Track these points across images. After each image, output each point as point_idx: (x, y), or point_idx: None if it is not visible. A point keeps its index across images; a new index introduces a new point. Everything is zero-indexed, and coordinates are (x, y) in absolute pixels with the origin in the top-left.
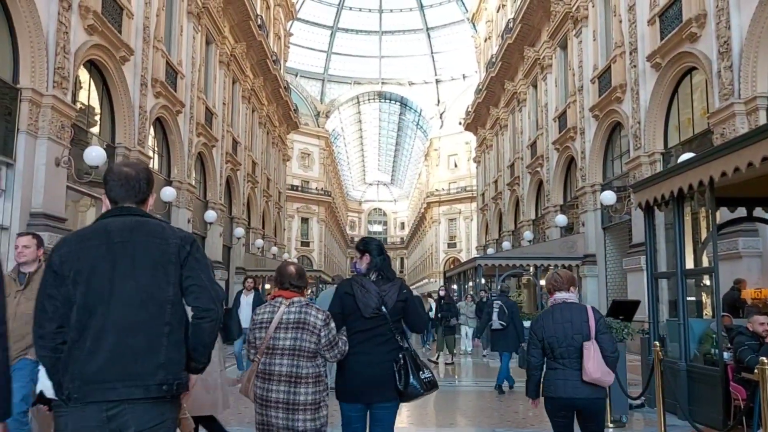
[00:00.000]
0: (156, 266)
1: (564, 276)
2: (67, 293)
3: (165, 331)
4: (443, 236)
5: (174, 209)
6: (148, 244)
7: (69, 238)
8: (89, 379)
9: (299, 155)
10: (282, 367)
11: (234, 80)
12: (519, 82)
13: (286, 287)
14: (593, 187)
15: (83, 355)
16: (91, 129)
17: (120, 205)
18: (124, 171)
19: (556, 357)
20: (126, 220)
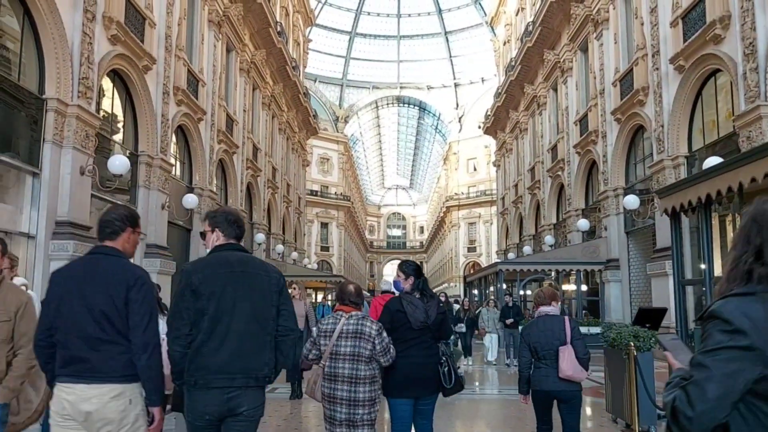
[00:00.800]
0: (264, 292)
1: (547, 293)
2: (201, 306)
3: (267, 339)
4: (463, 240)
5: (196, 216)
6: (258, 276)
7: (202, 265)
8: (214, 370)
9: (318, 160)
10: (345, 370)
11: (254, 87)
12: (539, 86)
13: (346, 303)
14: (616, 191)
15: (210, 352)
16: (114, 137)
17: (229, 242)
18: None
19: (540, 358)
20: (239, 255)
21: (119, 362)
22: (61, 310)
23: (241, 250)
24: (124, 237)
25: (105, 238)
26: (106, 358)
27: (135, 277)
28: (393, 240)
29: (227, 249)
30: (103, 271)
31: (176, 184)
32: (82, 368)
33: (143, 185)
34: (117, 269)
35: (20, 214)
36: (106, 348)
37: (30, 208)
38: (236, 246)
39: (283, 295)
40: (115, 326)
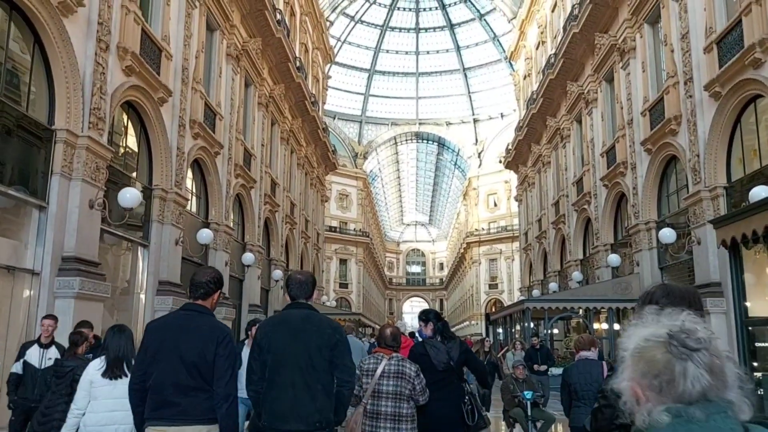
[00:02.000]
0: (319, 347)
1: (586, 339)
2: (264, 359)
3: (319, 388)
4: (484, 277)
5: (211, 252)
6: (314, 332)
7: (267, 324)
8: (276, 416)
9: (337, 196)
10: (387, 408)
11: (273, 122)
12: (562, 118)
13: (383, 346)
14: (647, 224)
15: (272, 399)
16: (128, 171)
17: (297, 301)
18: (298, 278)
19: (579, 398)
20: (300, 312)
21: (204, 406)
22: (158, 358)
23: (306, 308)
24: (213, 297)
25: (198, 298)
26: (194, 403)
27: (223, 335)
28: (412, 277)
29: (293, 307)
30: (196, 327)
31: (191, 219)
32: (174, 412)
33: (157, 220)
34: (208, 327)
35: (25, 249)
36: (194, 394)
37: (35, 244)
38: (302, 304)
39: (337, 349)
40: (203, 376)
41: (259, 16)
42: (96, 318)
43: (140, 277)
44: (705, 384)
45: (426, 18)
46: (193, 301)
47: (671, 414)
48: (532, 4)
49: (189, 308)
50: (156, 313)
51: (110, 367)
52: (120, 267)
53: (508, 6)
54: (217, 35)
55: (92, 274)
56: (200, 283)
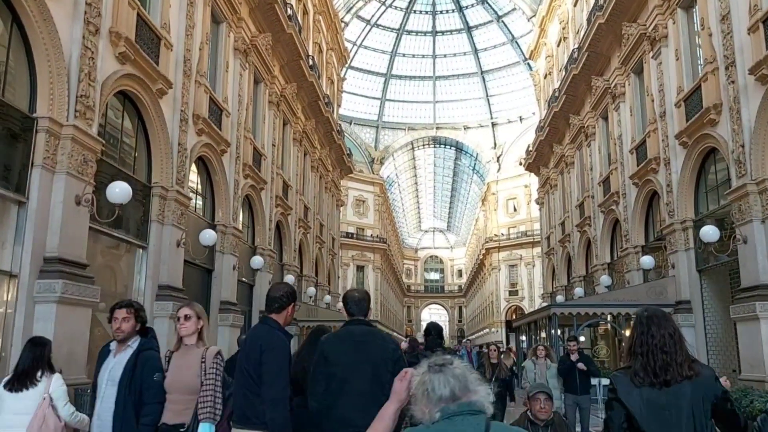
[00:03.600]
0: (384, 360)
1: None
2: (331, 371)
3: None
4: (504, 283)
5: (218, 255)
6: (377, 346)
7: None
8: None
9: (354, 202)
10: None
11: (285, 122)
12: (586, 115)
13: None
14: (684, 223)
15: (339, 407)
16: (124, 167)
17: (356, 318)
18: (355, 296)
19: None
20: (362, 328)
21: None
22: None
23: (365, 324)
24: (288, 311)
25: (273, 311)
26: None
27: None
28: (431, 284)
29: (353, 324)
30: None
31: (196, 220)
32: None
33: (156, 220)
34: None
35: (2, 249)
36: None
37: (13, 243)
38: (361, 321)
39: (398, 363)
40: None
41: (269, 9)
42: (82, 325)
43: (138, 281)
44: (452, 385)
45: (443, 21)
46: (267, 314)
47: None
48: None
49: (268, 322)
50: (155, 320)
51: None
52: (116, 270)
53: (528, 4)
54: (223, 28)
55: (78, 277)
56: (275, 298)
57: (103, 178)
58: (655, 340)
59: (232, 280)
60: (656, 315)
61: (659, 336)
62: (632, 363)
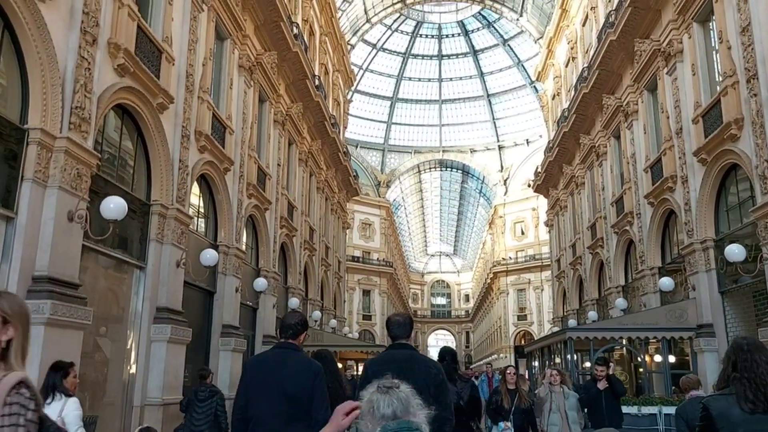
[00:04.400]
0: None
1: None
2: None
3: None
4: (512, 308)
5: (220, 276)
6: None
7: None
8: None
9: (360, 226)
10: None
11: (290, 141)
12: (597, 135)
13: None
14: (704, 243)
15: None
16: (123, 184)
17: (398, 341)
18: (398, 319)
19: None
20: (405, 352)
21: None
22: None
23: (408, 348)
24: (300, 338)
25: (288, 338)
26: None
27: (318, 369)
28: (437, 309)
29: (396, 347)
30: (292, 362)
31: (197, 240)
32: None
33: (155, 239)
34: (304, 362)
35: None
36: (296, 424)
37: (0, 260)
38: (404, 345)
39: (440, 387)
40: (302, 406)
41: (274, 27)
42: (72, 349)
43: (135, 302)
44: (395, 406)
45: (449, 45)
46: (284, 340)
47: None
48: (561, 20)
49: (284, 346)
50: (152, 344)
51: None
52: (112, 291)
53: (534, 26)
54: (227, 44)
55: (69, 297)
56: (290, 325)
57: (99, 195)
58: (761, 368)
59: (235, 303)
60: (756, 343)
61: (763, 364)
62: (734, 388)
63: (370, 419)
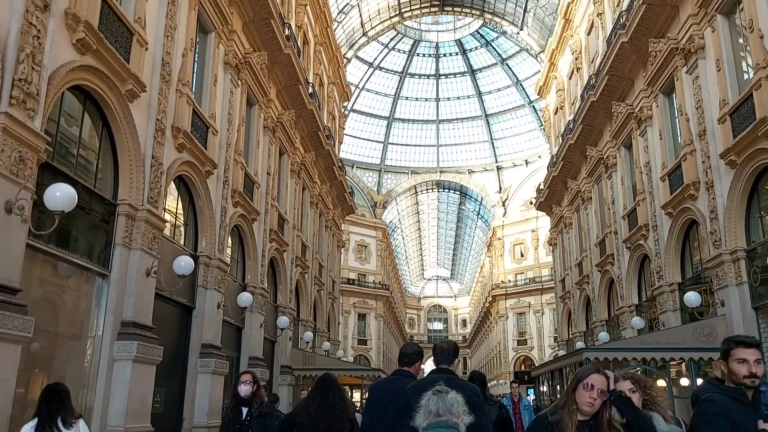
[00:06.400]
0: None
1: None
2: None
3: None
4: (512, 332)
5: (200, 290)
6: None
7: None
8: None
9: (356, 247)
10: None
11: (281, 151)
12: (606, 145)
13: None
14: (734, 254)
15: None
16: (84, 179)
17: (440, 366)
18: (443, 346)
19: None
20: (443, 376)
21: None
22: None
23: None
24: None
25: (404, 365)
26: None
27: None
28: (434, 334)
29: (437, 372)
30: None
31: (173, 248)
32: None
33: (122, 243)
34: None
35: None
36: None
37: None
38: (444, 369)
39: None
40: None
41: (264, 25)
42: (9, 365)
43: (95, 315)
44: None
45: (446, 64)
46: (401, 367)
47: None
48: (564, 30)
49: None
50: (115, 363)
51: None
52: (66, 301)
53: (535, 40)
54: (212, 38)
55: (5, 304)
56: (407, 354)
57: None
58: None
59: (217, 320)
60: None
61: None
62: None
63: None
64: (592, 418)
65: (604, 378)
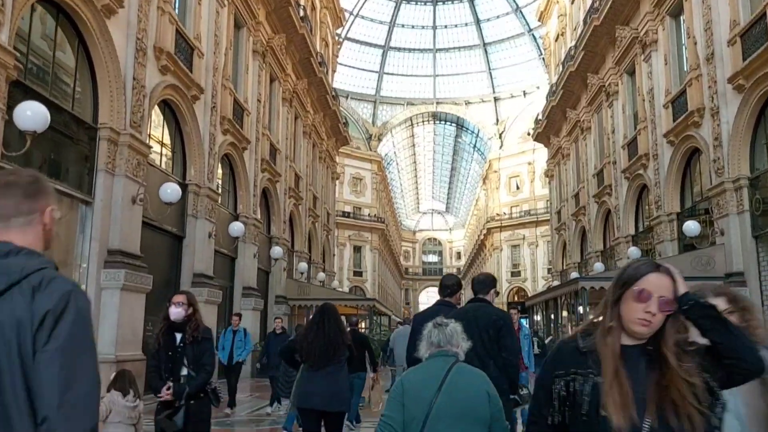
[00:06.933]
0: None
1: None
2: None
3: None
4: (506, 264)
5: (189, 219)
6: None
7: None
8: None
9: (351, 180)
10: None
11: (272, 77)
12: (608, 72)
13: None
14: (736, 182)
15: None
16: (61, 100)
17: (477, 296)
18: (480, 278)
19: None
20: (476, 305)
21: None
22: None
23: (483, 301)
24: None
25: (446, 296)
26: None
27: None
28: (429, 266)
29: (473, 302)
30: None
31: (160, 175)
32: None
33: (105, 169)
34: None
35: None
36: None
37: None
38: (480, 299)
39: (501, 332)
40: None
41: None
42: None
43: (81, 243)
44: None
45: None
46: (443, 298)
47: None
48: None
49: (442, 303)
50: (103, 292)
51: None
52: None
53: None
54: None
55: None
56: (447, 285)
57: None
58: None
59: (207, 250)
60: None
61: None
62: None
63: (425, 345)
64: (649, 341)
65: (668, 279)
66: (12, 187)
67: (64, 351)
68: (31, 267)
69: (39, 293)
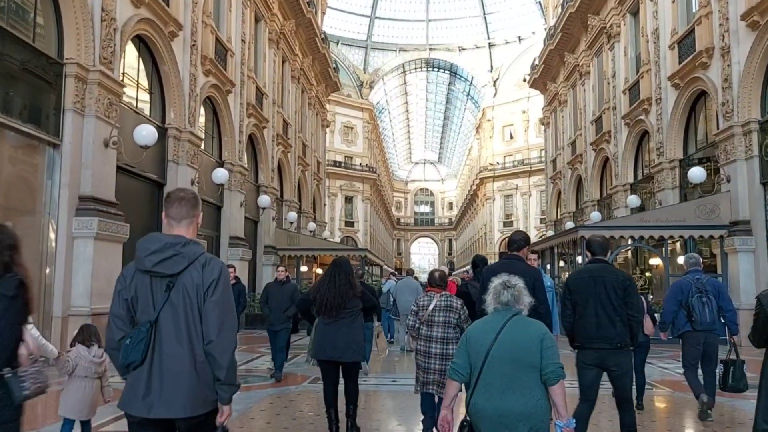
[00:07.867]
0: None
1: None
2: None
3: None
4: (498, 214)
5: (170, 165)
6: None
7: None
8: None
9: (342, 129)
10: (438, 333)
11: (257, 17)
12: (610, 13)
13: (433, 285)
14: (746, 126)
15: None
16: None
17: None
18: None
19: None
20: (598, 266)
21: None
22: None
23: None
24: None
25: (513, 250)
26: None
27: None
28: (421, 217)
29: (593, 263)
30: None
31: (136, 117)
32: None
33: (73, 109)
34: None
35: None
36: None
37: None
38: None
39: (627, 291)
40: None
41: None
42: None
43: (48, 188)
44: (508, 298)
45: None
46: (511, 252)
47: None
48: None
49: (510, 257)
50: (75, 241)
51: None
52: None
53: None
54: None
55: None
56: (516, 240)
57: None
58: None
59: None
60: None
61: None
62: None
63: (493, 300)
64: None
65: None
66: (183, 201)
67: (219, 303)
68: (198, 251)
69: (206, 268)
